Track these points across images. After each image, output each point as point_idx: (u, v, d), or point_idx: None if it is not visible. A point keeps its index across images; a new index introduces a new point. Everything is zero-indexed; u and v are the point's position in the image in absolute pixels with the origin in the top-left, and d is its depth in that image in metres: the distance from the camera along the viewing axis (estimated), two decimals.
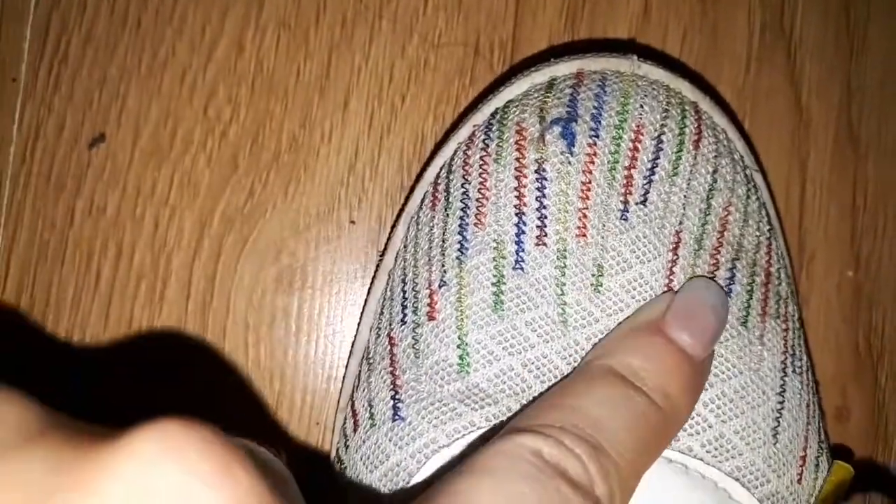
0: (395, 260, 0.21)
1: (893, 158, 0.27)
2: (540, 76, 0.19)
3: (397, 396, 0.18)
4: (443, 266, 0.18)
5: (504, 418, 0.17)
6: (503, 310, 0.18)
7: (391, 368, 0.19)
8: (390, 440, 0.18)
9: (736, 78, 0.26)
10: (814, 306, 0.26)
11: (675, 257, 0.18)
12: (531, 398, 0.17)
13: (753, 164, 0.21)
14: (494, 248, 0.18)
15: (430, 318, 0.18)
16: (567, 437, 0.14)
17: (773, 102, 0.26)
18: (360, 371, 0.20)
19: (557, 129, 0.18)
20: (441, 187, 0.19)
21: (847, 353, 0.26)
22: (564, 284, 0.18)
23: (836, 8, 0.27)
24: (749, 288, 0.19)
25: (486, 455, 0.14)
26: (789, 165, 0.26)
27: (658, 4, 0.25)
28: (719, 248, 0.19)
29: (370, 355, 0.20)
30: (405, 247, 0.20)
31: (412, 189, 0.21)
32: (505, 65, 0.25)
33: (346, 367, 0.22)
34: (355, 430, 0.19)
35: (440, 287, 0.18)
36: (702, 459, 0.17)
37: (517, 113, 0.19)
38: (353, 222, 0.24)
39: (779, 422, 0.18)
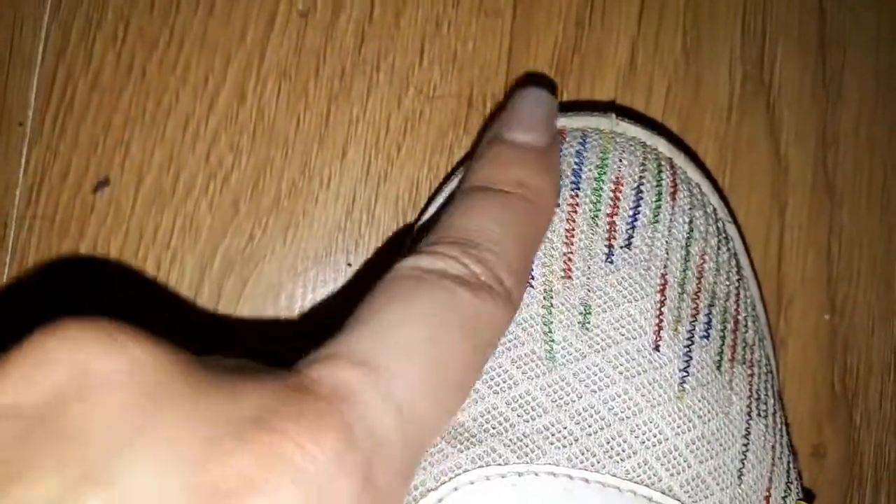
0: None
1: (868, 206, 0.28)
2: None
3: None
4: None
5: (488, 458, 0.18)
6: None
7: None
8: None
9: (718, 127, 0.27)
10: (792, 348, 0.27)
11: (662, 298, 0.19)
12: (515, 437, 0.18)
13: (727, 216, 0.22)
14: None
15: None
16: (440, 247, 0.16)
17: (754, 151, 0.27)
18: None
19: None
20: None
21: (824, 393, 0.27)
22: (552, 323, 0.19)
23: (812, 61, 0.28)
24: (722, 334, 0.20)
25: (375, 288, 0.15)
26: (769, 212, 0.27)
27: (643, 58, 0.27)
28: (698, 294, 0.20)
29: None
30: None
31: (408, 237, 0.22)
32: None
33: None
34: None
35: None
36: (679, 500, 0.18)
37: None
38: (349, 265, 0.25)
39: (743, 463, 0.19)
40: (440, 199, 0.22)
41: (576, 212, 0.19)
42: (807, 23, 0.28)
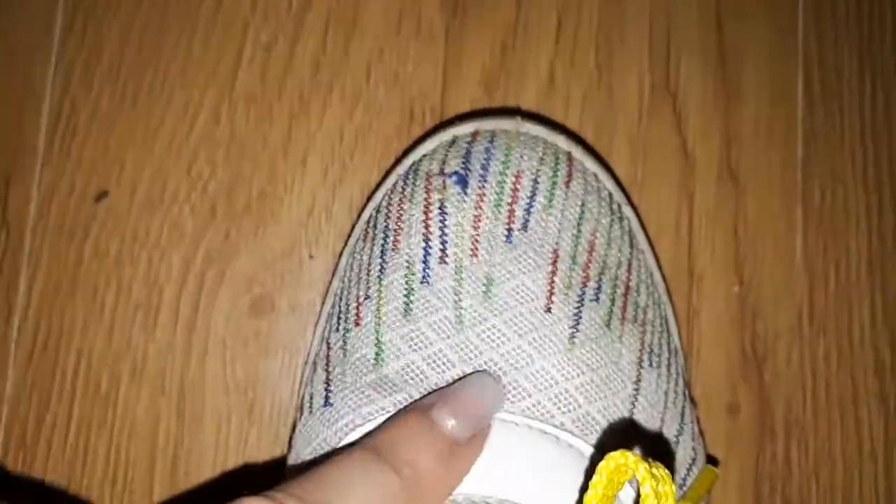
0: (339, 284, 0.25)
1: (768, 192, 0.31)
2: (446, 135, 0.24)
3: (329, 388, 0.22)
4: (367, 284, 0.23)
5: (406, 403, 0.20)
6: (411, 315, 0.22)
7: (326, 366, 0.23)
8: (321, 422, 0.21)
9: (630, 130, 0.30)
10: (705, 317, 0.30)
11: (554, 269, 0.22)
12: (428, 387, 0.21)
13: (623, 199, 0.25)
14: (406, 267, 0.22)
15: (357, 324, 0.22)
16: (289, 500, 0.15)
17: (663, 149, 0.31)
18: (308, 373, 0.25)
19: (455, 177, 0.23)
20: (371, 224, 0.24)
21: (735, 357, 0.30)
22: (461, 292, 0.21)
23: (713, 68, 0.31)
24: (612, 297, 0.23)
25: None
26: (679, 201, 0.30)
27: (561, 73, 0.31)
28: (589, 264, 0.22)
29: (315, 359, 0.24)
30: (344, 272, 0.25)
31: (353, 227, 0.27)
32: None
33: (303, 374, 0.26)
34: (300, 419, 0.23)
35: (365, 300, 0.22)
36: (571, 432, 0.20)
37: (426, 165, 0.23)
38: (311, 257, 0.29)
39: (634, 405, 0.21)
40: (377, 197, 0.25)
41: (483, 201, 0.22)
42: (707, 36, 0.31)
